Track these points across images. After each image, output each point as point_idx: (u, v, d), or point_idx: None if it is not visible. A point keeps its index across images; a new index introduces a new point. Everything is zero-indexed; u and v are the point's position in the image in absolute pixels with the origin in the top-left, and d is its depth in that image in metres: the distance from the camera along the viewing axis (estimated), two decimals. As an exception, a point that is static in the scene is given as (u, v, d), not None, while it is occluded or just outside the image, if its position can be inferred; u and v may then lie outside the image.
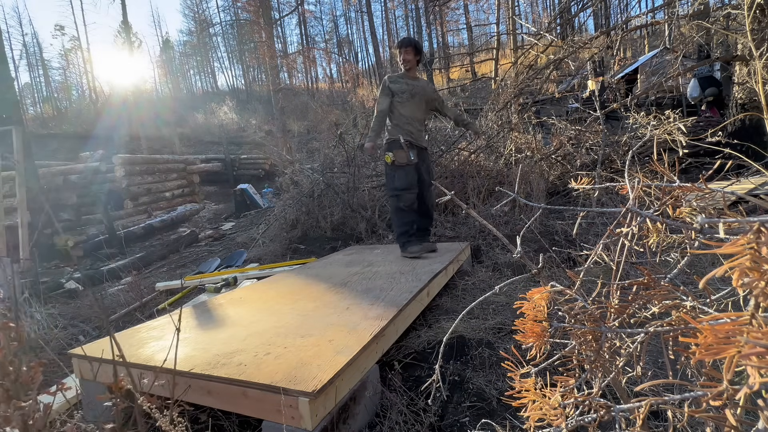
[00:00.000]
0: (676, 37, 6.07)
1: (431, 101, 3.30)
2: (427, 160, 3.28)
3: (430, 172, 3.29)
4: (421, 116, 3.23)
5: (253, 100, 28.31)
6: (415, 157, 3.09)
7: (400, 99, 3.14)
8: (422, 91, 3.21)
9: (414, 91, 3.17)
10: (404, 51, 3.16)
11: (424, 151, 3.25)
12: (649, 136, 3.52)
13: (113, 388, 0.90)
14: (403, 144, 3.07)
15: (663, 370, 1.42)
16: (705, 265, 2.13)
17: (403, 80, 3.19)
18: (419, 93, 3.18)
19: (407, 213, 3.09)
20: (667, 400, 0.59)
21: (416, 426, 1.39)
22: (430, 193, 3.28)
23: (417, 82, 3.23)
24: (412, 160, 3.06)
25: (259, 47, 15.36)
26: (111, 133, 16.16)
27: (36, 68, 34.37)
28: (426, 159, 3.27)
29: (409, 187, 3.08)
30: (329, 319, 1.75)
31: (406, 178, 3.07)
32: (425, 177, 3.20)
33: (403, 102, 3.14)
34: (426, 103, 3.26)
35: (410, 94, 3.15)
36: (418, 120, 3.19)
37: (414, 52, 3.17)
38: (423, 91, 3.21)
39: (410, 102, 3.14)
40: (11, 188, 4.91)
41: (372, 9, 28.42)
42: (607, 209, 0.94)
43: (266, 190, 9.52)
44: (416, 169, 3.14)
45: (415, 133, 3.15)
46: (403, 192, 3.06)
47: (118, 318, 3.00)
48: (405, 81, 3.18)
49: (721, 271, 0.45)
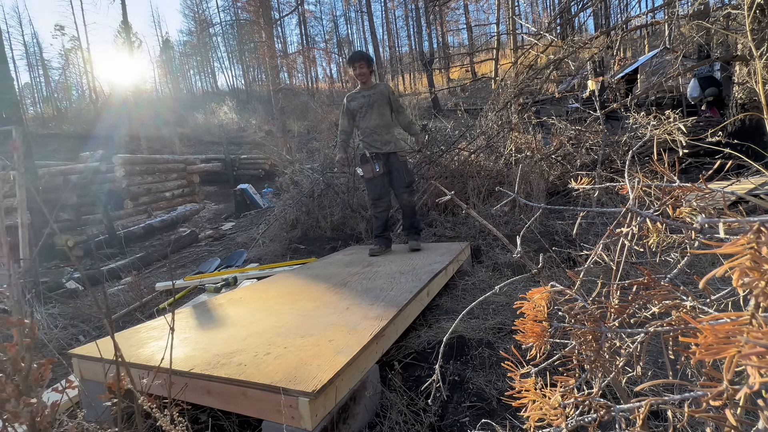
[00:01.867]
0: (676, 37, 6.07)
1: (390, 102, 3.35)
2: (397, 164, 3.30)
3: (402, 174, 3.30)
4: (383, 122, 3.29)
5: (253, 100, 28.30)
6: (381, 167, 3.25)
7: (361, 114, 3.31)
8: (380, 96, 3.29)
9: (372, 100, 3.28)
10: (357, 66, 3.26)
11: (393, 156, 3.29)
12: (649, 136, 3.52)
13: (113, 388, 0.90)
14: (369, 157, 3.27)
15: (663, 370, 1.42)
16: (705, 265, 2.13)
17: (359, 94, 3.33)
18: (377, 100, 3.28)
19: (377, 218, 3.37)
20: (667, 400, 0.59)
21: (416, 426, 1.39)
22: (403, 194, 3.33)
23: (373, 90, 3.31)
24: (377, 171, 3.24)
25: (259, 47, 15.36)
26: (111, 133, 16.17)
27: (36, 68, 34.40)
28: (396, 162, 3.30)
29: (377, 198, 3.32)
30: (329, 319, 1.75)
31: (374, 189, 3.32)
32: (395, 181, 3.32)
33: (363, 115, 3.31)
34: (388, 104, 3.34)
35: (368, 106, 3.28)
36: (381, 126, 3.27)
37: (367, 65, 3.29)
38: (380, 95, 3.30)
39: (369, 112, 3.28)
40: (11, 188, 4.91)
41: (372, 9, 28.39)
42: (607, 209, 0.94)
43: (266, 190, 9.52)
44: (384, 178, 3.29)
45: (379, 141, 3.27)
46: (374, 201, 3.34)
47: (118, 318, 3.00)
48: (362, 94, 3.32)
49: (721, 271, 0.45)
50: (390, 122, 3.36)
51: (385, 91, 3.35)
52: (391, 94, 3.38)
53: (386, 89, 3.37)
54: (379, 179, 3.28)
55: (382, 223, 3.33)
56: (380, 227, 3.33)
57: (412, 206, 3.43)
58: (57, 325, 2.86)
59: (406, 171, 3.34)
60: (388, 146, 3.28)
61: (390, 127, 3.35)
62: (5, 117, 5.31)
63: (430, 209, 4.53)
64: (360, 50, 3.55)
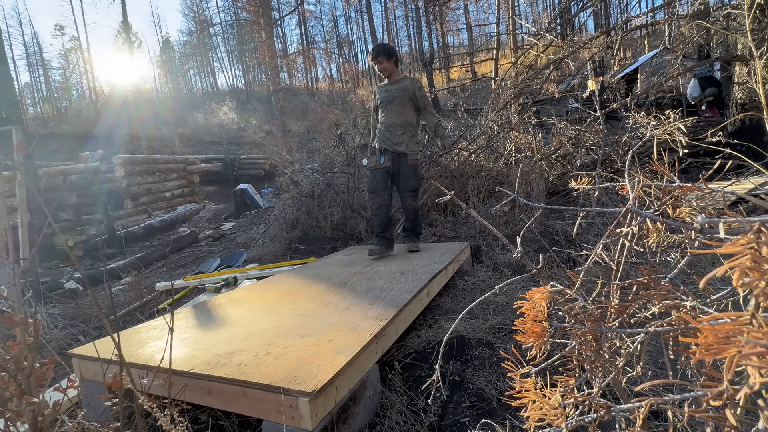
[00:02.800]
0: (676, 37, 6.07)
1: (415, 99, 3.20)
2: (405, 166, 3.17)
3: (408, 177, 3.17)
4: (401, 120, 3.16)
5: (253, 100, 28.31)
6: (387, 161, 3.13)
7: (382, 108, 3.25)
8: (401, 92, 3.15)
9: (392, 96, 3.16)
10: (377, 62, 3.15)
11: (403, 157, 3.16)
12: (649, 136, 3.52)
13: (113, 388, 0.90)
14: (377, 149, 3.19)
15: (663, 370, 1.42)
16: (705, 265, 2.13)
17: (384, 87, 3.24)
18: (398, 96, 3.15)
19: (375, 216, 3.23)
20: (667, 400, 0.59)
21: (416, 426, 1.39)
22: (407, 198, 3.23)
23: (397, 85, 3.17)
24: (381, 164, 3.12)
25: (259, 47, 15.36)
26: (111, 133, 16.18)
27: (36, 68, 34.42)
28: (405, 165, 3.17)
29: (374, 190, 3.16)
30: (329, 319, 1.75)
31: (372, 181, 3.19)
32: (401, 182, 3.20)
33: (383, 109, 3.23)
34: (411, 102, 3.18)
35: (388, 101, 3.18)
36: (397, 126, 3.16)
37: (387, 59, 3.13)
38: (402, 92, 3.15)
39: (388, 108, 3.18)
40: (11, 188, 4.92)
41: (372, 9, 28.43)
42: (607, 209, 0.94)
43: (266, 190, 9.52)
44: (387, 174, 3.17)
45: (391, 138, 3.16)
46: (370, 195, 3.22)
47: (118, 318, 3.00)
48: (385, 88, 3.23)
49: (721, 271, 0.45)
50: (409, 122, 3.19)
51: (410, 87, 3.16)
52: (418, 90, 3.18)
53: (412, 85, 3.18)
54: (380, 172, 3.14)
55: (380, 222, 3.18)
56: (380, 226, 3.18)
57: (415, 210, 3.33)
58: (57, 325, 2.86)
59: (413, 175, 3.19)
60: (399, 147, 3.15)
61: (407, 127, 3.18)
62: (5, 117, 5.31)
63: (430, 209, 4.53)
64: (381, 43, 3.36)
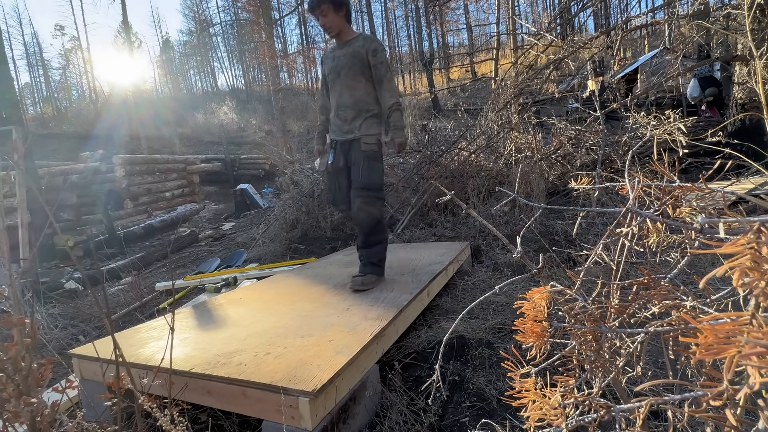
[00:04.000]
0: (676, 37, 6.07)
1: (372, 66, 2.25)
2: (357, 155, 2.26)
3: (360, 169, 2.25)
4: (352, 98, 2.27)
5: (253, 100, 28.32)
6: (338, 158, 2.33)
7: (330, 83, 2.35)
8: (350, 60, 2.23)
9: (340, 65, 2.27)
10: (318, 14, 2.20)
11: (354, 144, 2.27)
12: (649, 136, 3.52)
13: (113, 388, 0.91)
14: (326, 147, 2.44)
15: (663, 370, 1.42)
16: (705, 265, 2.13)
17: (331, 55, 2.34)
18: (346, 65, 2.24)
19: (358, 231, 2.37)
20: (667, 400, 0.59)
21: (416, 426, 1.39)
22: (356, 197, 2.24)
23: (346, 49, 2.26)
24: (331, 163, 2.34)
25: (259, 47, 15.36)
26: (111, 133, 16.19)
27: (36, 68, 34.44)
28: (356, 153, 2.27)
29: (334, 203, 2.47)
30: (329, 320, 1.75)
31: (329, 190, 2.45)
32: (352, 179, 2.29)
33: (331, 86, 2.36)
34: (364, 71, 2.25)
35: (336, 73, 2.30)
36: (347, 107, 2.28)
37: (332, 8, 2.18)
38: (352, 59, 2.23)
39: (336, 82, 2.31)
40: (11, 188, 4.92)
41: (372, 9, 28.43)
42: (607, 209, 0.94)
43: (266, 190, 9.52)
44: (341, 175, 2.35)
45: (341, 126, 2.31)
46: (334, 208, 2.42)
47: (118, 318, 3.00)
48: (333, 55, 2.32)
49: (721, 271, 0.45)
50: (363, 101, 2.28)
51: (361, 50, 2.22)
52: (372, 55, 2.22)
53: (364, 46, 2.23)
54: (335, 176, 2.35)
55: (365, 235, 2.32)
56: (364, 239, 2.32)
57: (368, 221, 2.24)
58: (57, 325, 2.86)
59: (368, 167, 2.23)
60: (350, 134, 2.29)
61: (361, 109, 2.27)
62: (5, 117, 5.32)
63: (430, 209, 4.53)
64: None
